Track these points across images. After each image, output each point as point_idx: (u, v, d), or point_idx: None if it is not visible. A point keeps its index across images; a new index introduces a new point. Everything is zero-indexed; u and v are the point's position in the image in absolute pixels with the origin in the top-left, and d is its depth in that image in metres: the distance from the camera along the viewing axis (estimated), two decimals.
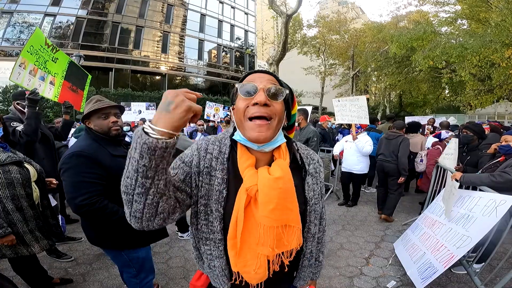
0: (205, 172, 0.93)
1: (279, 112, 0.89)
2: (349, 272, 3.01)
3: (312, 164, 1.06)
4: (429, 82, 19.53)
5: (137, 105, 9.10)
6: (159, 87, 25.36)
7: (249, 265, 0.88)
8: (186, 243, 3.60)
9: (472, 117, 17.87)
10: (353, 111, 5.15)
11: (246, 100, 0.87)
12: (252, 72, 0.96)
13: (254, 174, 0.88)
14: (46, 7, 21.41)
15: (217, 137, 1.02)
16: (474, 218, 2.42)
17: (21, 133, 2.70)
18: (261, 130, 0.85)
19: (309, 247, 1.04)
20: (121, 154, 1.84)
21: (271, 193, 0.83)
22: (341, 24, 23.28)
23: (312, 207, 1.01)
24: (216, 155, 0.95)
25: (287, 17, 10.58)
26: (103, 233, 1.82)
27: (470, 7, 13.29)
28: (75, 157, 1.69)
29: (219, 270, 0.95)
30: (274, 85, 0.89)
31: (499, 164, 2.92)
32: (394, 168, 4.44)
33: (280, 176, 0.86)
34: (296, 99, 1.08)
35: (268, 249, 0.86)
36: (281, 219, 0.85)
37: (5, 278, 2.08)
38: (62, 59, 3.55)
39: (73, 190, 1.66)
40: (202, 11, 29.48)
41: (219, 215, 0.90)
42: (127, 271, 1.96)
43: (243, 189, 0.87)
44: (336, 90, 27.35)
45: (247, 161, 0.91)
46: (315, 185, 1.04)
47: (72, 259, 3.12)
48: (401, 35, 14.04)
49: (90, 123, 1.87)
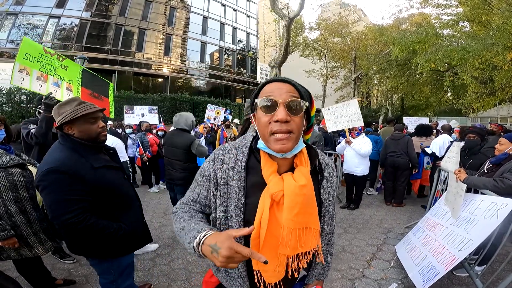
0: (222, 182, 0.99)
1: (299, 125, 0.92)
2: (350, 274, 3.01)
3: (327, 169, 1.12)
4: (431, 85, 19.50)
5: (140, 108, 9.23)
6: (162, 89, 25.45)
7: (270, 264, 0.92)
8: None
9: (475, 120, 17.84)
10: (344, 116, 5.06)
11: (267, 116, 0.90)
12: (270, 80, 0.97)
13: (279, 180, 0.93)
14: (51, 9, 21.63)
15: (234, 144, 1.07)
16: (476, 221, 2.43)
17: (33, 135, 2.75)
18: (283, 142, 0.89)
19: (322, 245, 1.10)
20: (103, 165, 1.70)
21: (297, 199, 0.90)
22: (343, 27, 23.32)
23: (327, 208, 1.08)
24: (233, 164, 1.00)
25: (289, 20, 10.61)
26: (86, 244, 1.68)
27: (472, 9, 13.28)
28: (51, 174, 1.50)
29: (236, 273, 1.01)
30: (294, 99, 0.90)
31: (495, 169, 2.94)
32: (404, 162, 5.24)
33: (304, 184, 0.92)
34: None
35: (288, 249, 0.92)
36: (303, 222, 0.92)
37: (9, 280, 2.09)
38: (72, 66, 3.57)
39: (56, 208, 1.51)
40: (205, 13, 29.64)
41: (239, 219, 0.96)
42: (105, 277, 1.84)
43: (268, 193, 0.92)
44: (338, 93, 27.33)
45: (271, 168, 0.96)
46: (329, 188, 1.10)
47: (75, 261, 3.13)
48: (403, 37, 14.03)
49: (73, 129, 1.67)
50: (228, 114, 10.68)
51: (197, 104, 21.31)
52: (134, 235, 1.83)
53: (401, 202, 5.41)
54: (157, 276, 2.91)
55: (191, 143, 3.48)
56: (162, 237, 3.84)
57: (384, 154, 5.54)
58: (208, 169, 1.03)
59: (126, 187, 1.88)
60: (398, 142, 5.32)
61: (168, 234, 3.93)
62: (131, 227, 1.79)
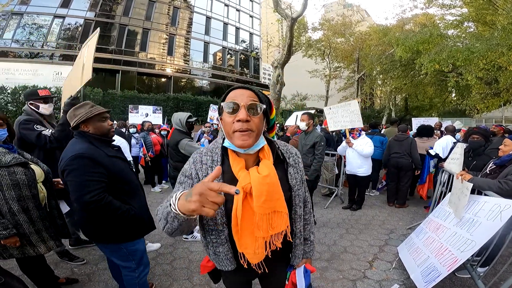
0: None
1: (258, 125, 1.08)
2: (352, 275, 3.00)
3: (292, 157, 1.26)
4: (435, 85, 19.42)
5: (144, 108, 9.32)
6: (165, 89, 25.55)
7: (250, 247, 1.08)
8: (191, 245, 3.63)
9: (479, 121, 17.71)
10: (345, 116, 5.09)
11: (231, 117, 1.05)
12: (234, 88, 1.12)
13: (247, 174, 1.08)
14: (56, 9, 21.76)
15: (208, 147, 1.21)
16: (479, 223, 2.41)
17: (50, 138, 2.66)
18: (244, 138, 1.04)
19: (298, 227, 1.26)
20: (114, 155, 2.00)
21: (262, 188, 1.04)
22: (346, 27, 23.25)
23: (296, 192, 1.22)
24: (210, 164, 1.14)
25: (292, 20, 10.60)
26: (102, 227, 1.89)
27: (477, 10, 13.22)
28: (78, 158, 1.77)
29: (223, 255, 1.18)
30: (254, 102, 1.06)
31: (498, 171, 2.92)
32: (407, 163, 5.24)
33: (267, 174, 1.06)
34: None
35: (262, 232, 1.06)
36: (271, 207, 1.06)
37: (14, 278, 2.10)
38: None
39: (81, 189, 1.73)
40: (208, 13, 29.70)
41: (221, 211, 1.11)
42: (126, 266, 2.04)
43: (239, 187, 1.04)
44: (341, 93, 27.27)
45: (239, 164, 1.11)
46: (296, 174, 1.24)
47: (84, 262, 3.11)
48: (407, 38, 13.98)
49: (88, 127, 1.95)
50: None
51: (200, 104, 21.38)
52: (142, 219, 2.04)
53: (404, 203, 5.41)
54: (159, 276, 2.92)
55: (177, 142, 3.42)
56: (164, 236, 3.85)
57: (387, 155, 5.52)
58: (190, 169, 1.16)
59: (133, 177, 2.12)
60: (401, 143, 5.31)
61: None
62: (139, 211, 2.01)
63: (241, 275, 1.30)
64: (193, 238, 3.75)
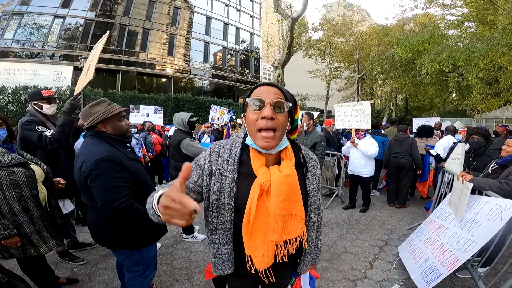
0: (217, 173, 1.09)
1: (283, 123, 1.04)
2: (352, 275, 3.00)
3: (311, 162, 1.23)
4: (436, 85, 19.37)
5: (145, 108, 9.26)
6: (165, 89, 25.54)
7: (259, 249, 1.04)
8: (191, 245, 3.63)
9: (480, 121, 17.67)
10: (354, 115, 5.09)
11: (255, 114, 1.02)
12: (260, 84, 1.09)
13: (267, 172, 1.04)
14: (56, 9, 21.72)
15: (229, 141, 1.17)
16: (480, 223, 2.41)
17: (51, 139, 2.64)
18: (268, 140, 1.00)
19: (311, 234, 1.22)
20: (134, 158, 1.93)
21: (282, 187, 1.01)
22: (347, 27, 23.18)
23: (312, 198, 1.19)
24: (227, 157, 1.10)
25: (293, 20, 10.58)
26: (122, 234, 1.81)
27: (477, 10, 13.18)
28: (104, 162, 1.67)
29: (225, 257, 1.13)
30: (279, 99, 1.03)
31: (500, 170, 2.91)
32: (408, 163, 5.24)
33: (289, 174, 1.03)
34: (298, 103, 1.21)
35: (276, 236, 1.01)
36: (288, 209, 1.02)
37: (17, 277, 2.10)
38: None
39: (108, 195, 1.67)
40: (208, 13, 29.69)
41: (230, 207, 1.07)
42: (134, 270, 1.95)
43: (257, 184, 1.03)
44: (342, 93, 27.24)
45: (259, 161, 1.07)
46: (314, 179, 1.21)
47: (84, 262, 3.11)
48: (407, 38, 13.94)
49: (106, 127, 1.84)
50: (231, 114, 10.69)
51: (200, 104, 21.38)
52: (158, 224, 1.96)
53: (404, 203, 5.42)
54: (159, 276, 2.92)
55: (179, 142, 3.39)
56: (164, 236, 3.84)
57: (387, 155, 5.53)
58: (204, 160, 1.13)
59: (149, 179, 2.04)
60: (402, 143, 5.32)
61: (171, 234, 3.93)
62: None
63: (245, 282, 1.26)
64: (193, 238, 3.75)
